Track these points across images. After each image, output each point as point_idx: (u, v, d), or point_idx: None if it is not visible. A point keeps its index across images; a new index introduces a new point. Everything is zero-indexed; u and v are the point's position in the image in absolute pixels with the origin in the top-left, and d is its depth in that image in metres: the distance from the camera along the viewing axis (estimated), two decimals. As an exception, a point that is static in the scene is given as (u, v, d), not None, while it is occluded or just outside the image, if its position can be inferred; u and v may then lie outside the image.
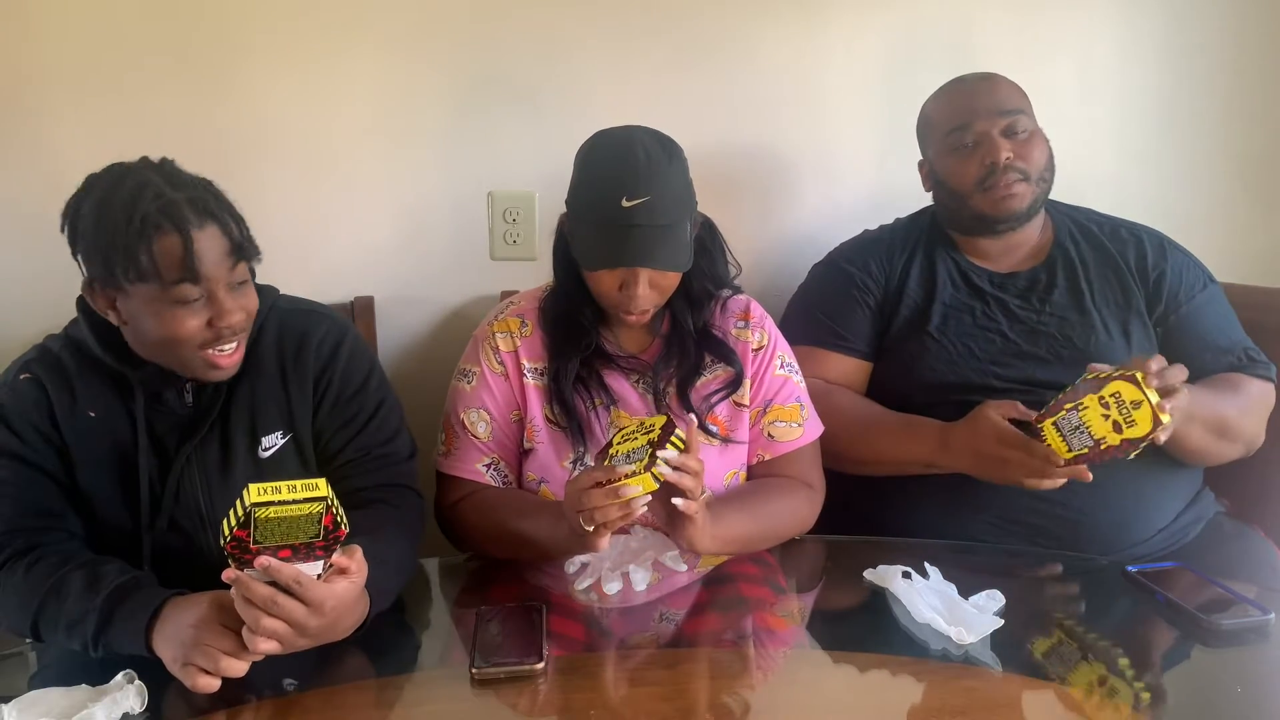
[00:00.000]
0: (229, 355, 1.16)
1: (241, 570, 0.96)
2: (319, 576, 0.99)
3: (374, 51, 1.75)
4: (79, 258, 1.14)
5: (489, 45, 1.78)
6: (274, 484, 0.93)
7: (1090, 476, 1.28)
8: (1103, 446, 1.22)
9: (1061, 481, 1.31)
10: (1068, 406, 1.24)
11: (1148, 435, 1.20)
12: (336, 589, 1.00)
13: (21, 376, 1.21)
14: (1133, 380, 1.19)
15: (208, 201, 1.12)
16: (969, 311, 1.58)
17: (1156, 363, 1.28)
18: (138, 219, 1.07)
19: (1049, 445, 1.26)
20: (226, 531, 0.94)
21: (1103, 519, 1.42)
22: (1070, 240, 1.62)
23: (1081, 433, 1.24)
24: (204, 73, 1.70)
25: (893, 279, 1.63)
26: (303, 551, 0.96)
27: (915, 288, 1.61)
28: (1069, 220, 1.66)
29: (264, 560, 0.95)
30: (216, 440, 1.23)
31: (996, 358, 1.54)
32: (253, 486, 0.92)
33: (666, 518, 1.19)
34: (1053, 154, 1.59)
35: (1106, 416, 1.21)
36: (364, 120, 1.77)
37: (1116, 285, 1.58)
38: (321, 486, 0.93)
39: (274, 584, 0.97)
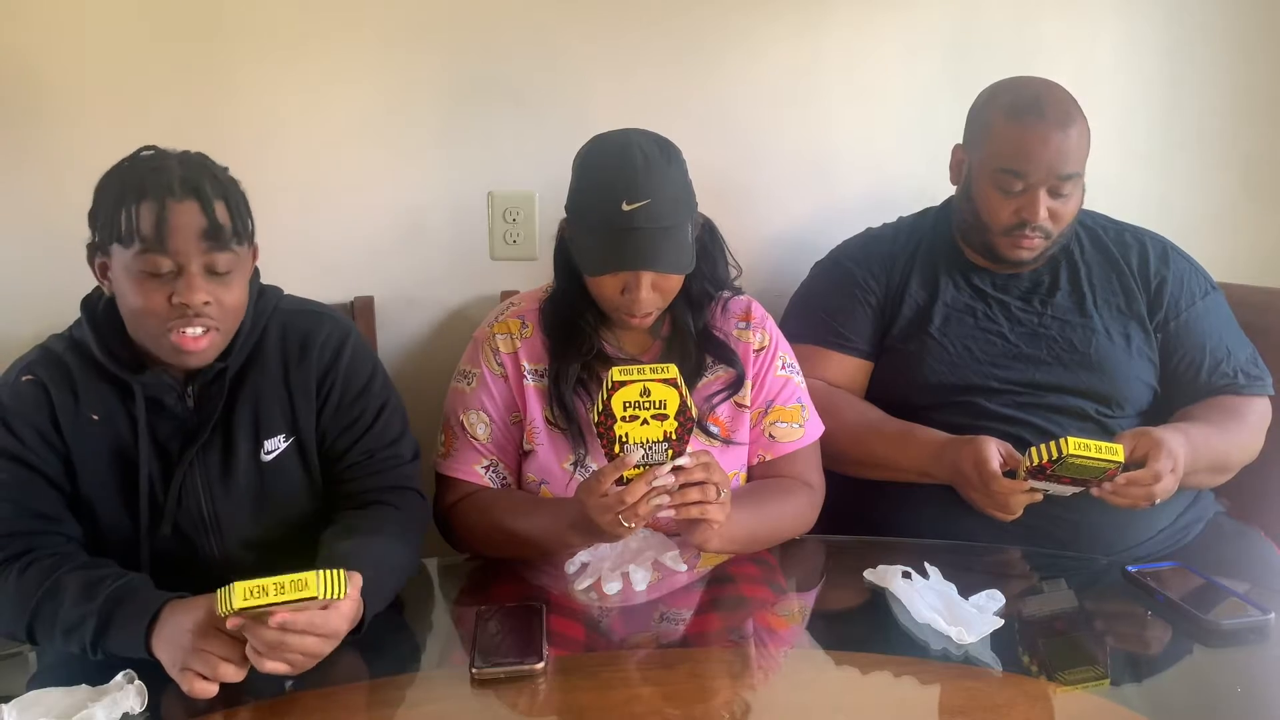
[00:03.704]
0: (195, 339, 1.13)
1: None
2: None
3: (374, 51, 1.75)
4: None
5: (489, 45, 1.78)
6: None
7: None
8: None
9: (1016, 515, 1.36)
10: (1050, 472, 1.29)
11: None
12: (343, 610, 1.01)
13: (24, 378, 1.19)
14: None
15: (201, 181, 1.12)
16: (970, 313, 1.58)
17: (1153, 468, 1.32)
18: (130, 183, 1.11)
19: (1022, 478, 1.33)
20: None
21: (1103, 520, 1.42)
22: (1075, 243, 1.62)
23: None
24: (204, 73, 1.70)
25: (895, 278, 1.63)
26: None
27: (917, 288, 1.61)
28: (1074, 223, 1.64)
29: (280, 617, 0.95)
30: (219, 444, 1.23)
31: (997, 359, 1.54)
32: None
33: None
34: (1083, 200, 1.55)
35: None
36: (364, 120, 1.77)
37: (1119, 289, 1.59)
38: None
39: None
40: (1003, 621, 1.09)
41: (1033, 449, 1.27)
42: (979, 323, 1.57)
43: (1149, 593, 1.18)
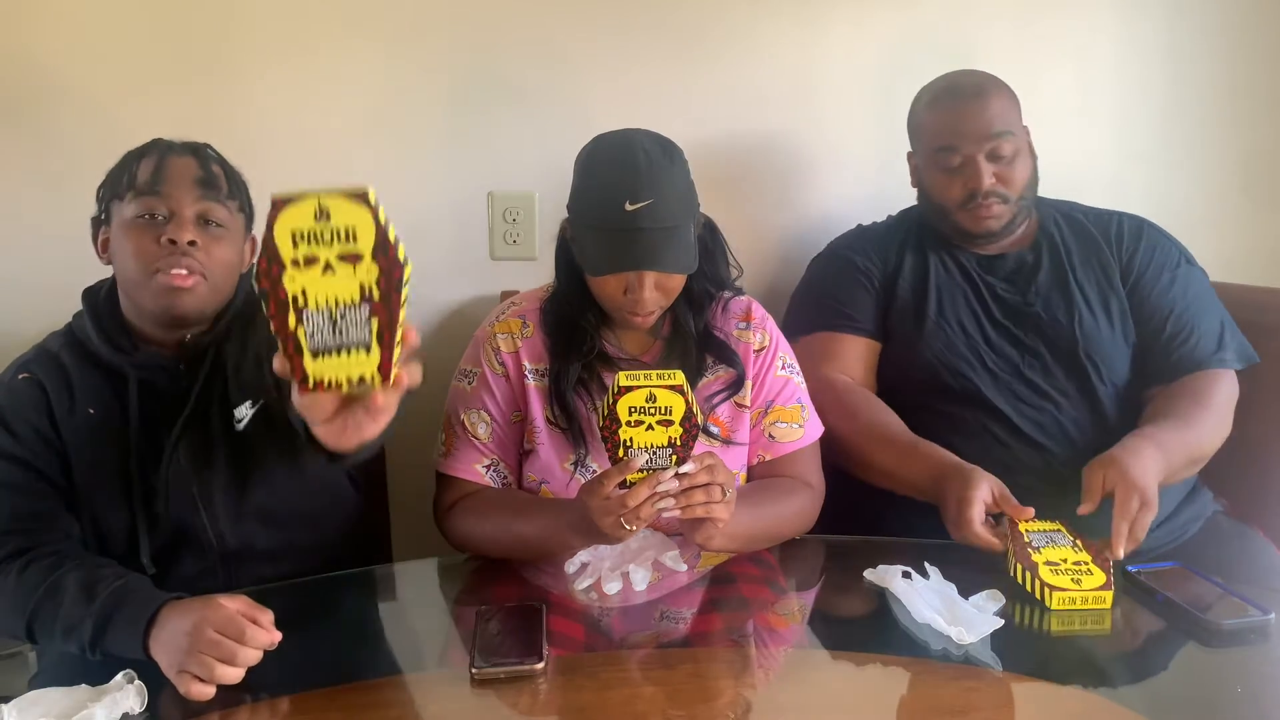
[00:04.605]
0: (183, 278, 1.17)
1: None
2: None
3: (374, 51, 1.75)
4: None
5: (489, 45, 1.78)
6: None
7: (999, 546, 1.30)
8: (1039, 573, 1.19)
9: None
10: (1032, 551, 1.23)
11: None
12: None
13: (20, 376, 1.21)
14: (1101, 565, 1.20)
15: (199, 146, 1.23)
16: (961, 293, 1.62)
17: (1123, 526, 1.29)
18: (134, 151, 1.22)
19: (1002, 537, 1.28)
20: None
21: (1102, 513, 1.42)
22: (1054, 226, 1.66)
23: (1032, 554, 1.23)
24: (204, 73, 1.70)
25: (889, 264, 1.67)
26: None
27: (909, 273, 1.65)
28: (1054, 210, 1.70)
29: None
30: (199, 420, 1.24)
31: (989, 338, 1.58)
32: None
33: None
34: (1037, 167, 1.62)
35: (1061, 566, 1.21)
36: (364, 120, 1.77)
37: (1097, 264, 1.62)
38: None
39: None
40: (1003, 621, 1.09)
41: (1018, 569, 1.22)
42: (969, 304, 1.61)
43: (1149, 593, 1.18)
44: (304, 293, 0.81)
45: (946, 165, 1.59)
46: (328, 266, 0.81)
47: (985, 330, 1.59)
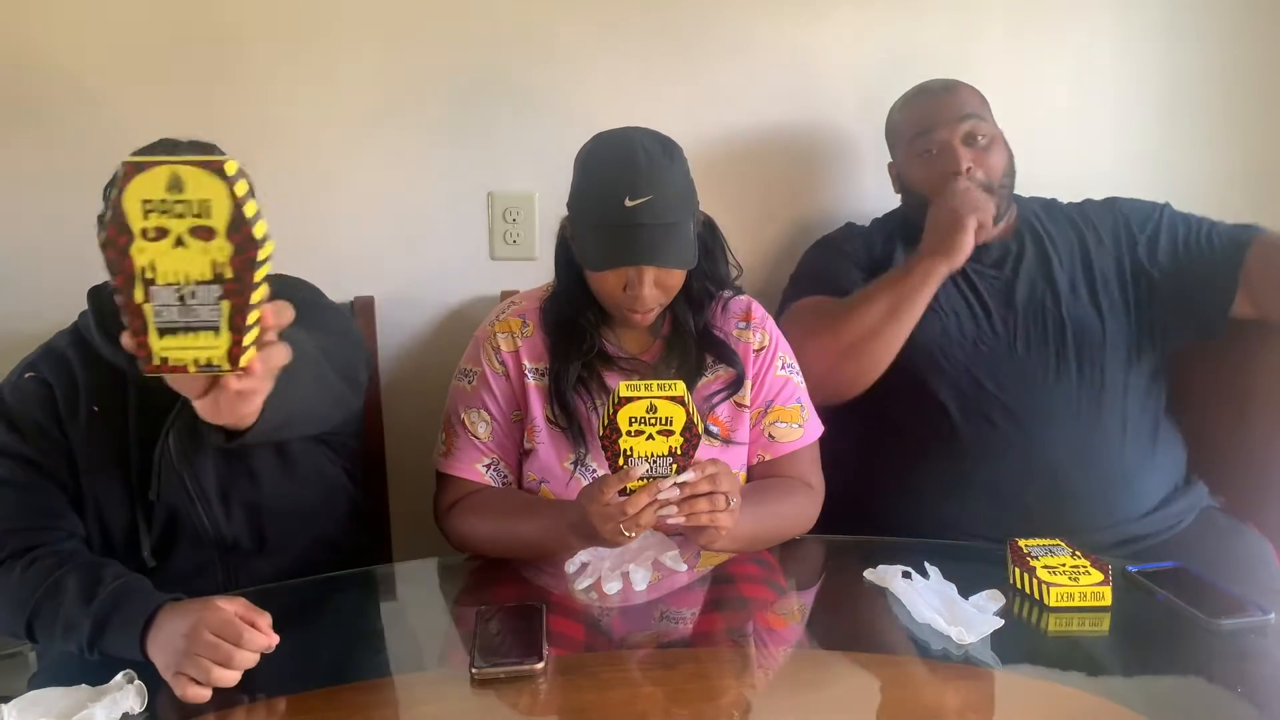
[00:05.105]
0: None
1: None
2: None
3: (374, 51, 1.75)
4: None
5: (489, 45, 1.78)
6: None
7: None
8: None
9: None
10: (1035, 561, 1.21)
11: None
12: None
13: (26, 376, 1.22)
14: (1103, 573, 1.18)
15: (208, 145, 1.22)
16: (951, 281, 1.62)
17: None
18: (140, 151, 1.14)
19: None
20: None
21: (1092, 494, 1.48)
22: (1035, 218, 1.70)
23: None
24: (204, 72, 1.70)
25: (876, 252, 1.70)
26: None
27: (896, 265, 1.66)
28: (1031, 203, 1.74)
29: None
30: (190, 410, 1.24)
31: (979, 322, 1.60)
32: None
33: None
34: (1013, 157, 1.66)
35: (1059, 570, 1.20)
36: (364, 120, 1.77)
37: (1079, 247, 1.66)
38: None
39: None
40: (1003, 621, 1.09)
41: (1016, 573, 1.21)
42: (958, 289, 1.63)
43: (1149, 593, 1.18)
44: (153, 266, 0.75)
45: (924, 152, 1.63)
46: (179, 240, 0.75)
47: (975, 315, 1.60)
